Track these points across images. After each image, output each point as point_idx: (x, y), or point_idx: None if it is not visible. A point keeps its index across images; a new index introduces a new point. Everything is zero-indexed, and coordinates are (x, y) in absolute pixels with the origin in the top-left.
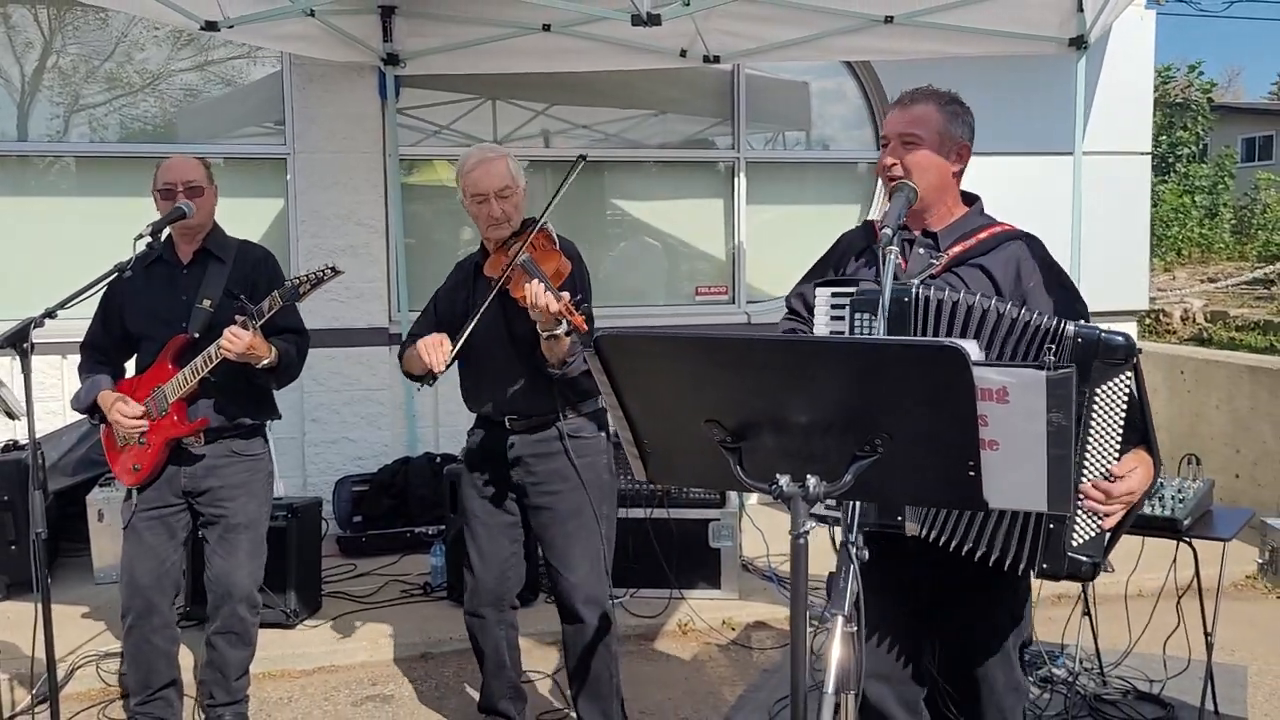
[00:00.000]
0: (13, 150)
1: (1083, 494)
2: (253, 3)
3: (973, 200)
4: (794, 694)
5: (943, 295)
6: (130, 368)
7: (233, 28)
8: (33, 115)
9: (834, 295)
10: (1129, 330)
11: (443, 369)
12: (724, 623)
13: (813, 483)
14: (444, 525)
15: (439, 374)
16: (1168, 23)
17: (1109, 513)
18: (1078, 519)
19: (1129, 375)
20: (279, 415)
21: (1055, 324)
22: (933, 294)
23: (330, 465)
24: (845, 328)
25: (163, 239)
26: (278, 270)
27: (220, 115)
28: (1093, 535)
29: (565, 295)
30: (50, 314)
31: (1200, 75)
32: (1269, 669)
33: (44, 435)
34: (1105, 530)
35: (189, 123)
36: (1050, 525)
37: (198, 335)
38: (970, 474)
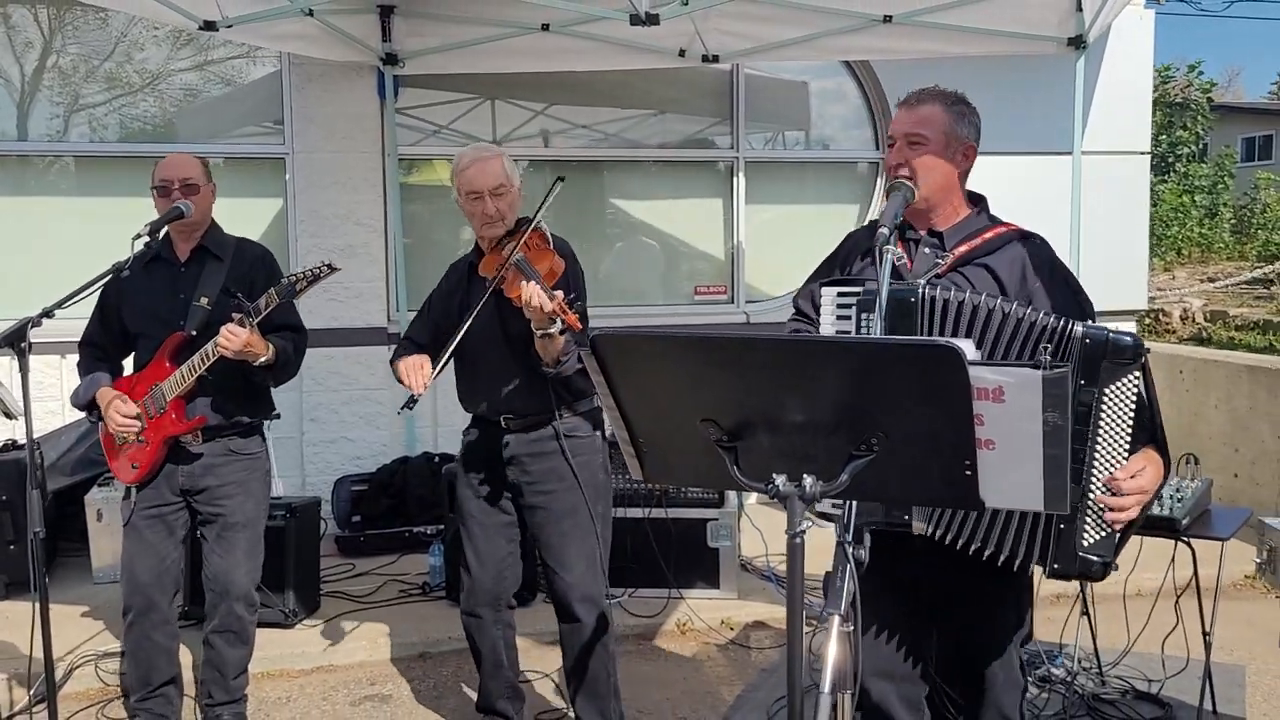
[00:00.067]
0: (12, 150)
1: (1093, 494)
2: (251, 2)
3: (978, 200)
4: (791, 694)
5: (949, 295)
6: (128, 365)
7: (231, 27)
8: (32, 115)
9: (839, 295)
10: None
11: (423, 391)
12: (722, 622)
13: (809, 482)
14: (442, 525)
15: (418, 396)
16: (1168, 22)
17: (1119, 514)
18: (1088, 519)
19: (1137, 375)
20: (278, 413)
21: (1063, 324)
22: (939, 294)
23: (329, 465)
24: (851, 327)
25: (160, 237)
26: (275, 268)
27: (219, 115)
28: (1104, 535)
29: (559, 294)
30: (48, 314)
31: (1200, 75)
32: (1267, 668)
33: (43, 435)
34: (1116, 530)
35: (188, 122)
36: (1061, 525)
37: (195, 333)
38: (966, 473)
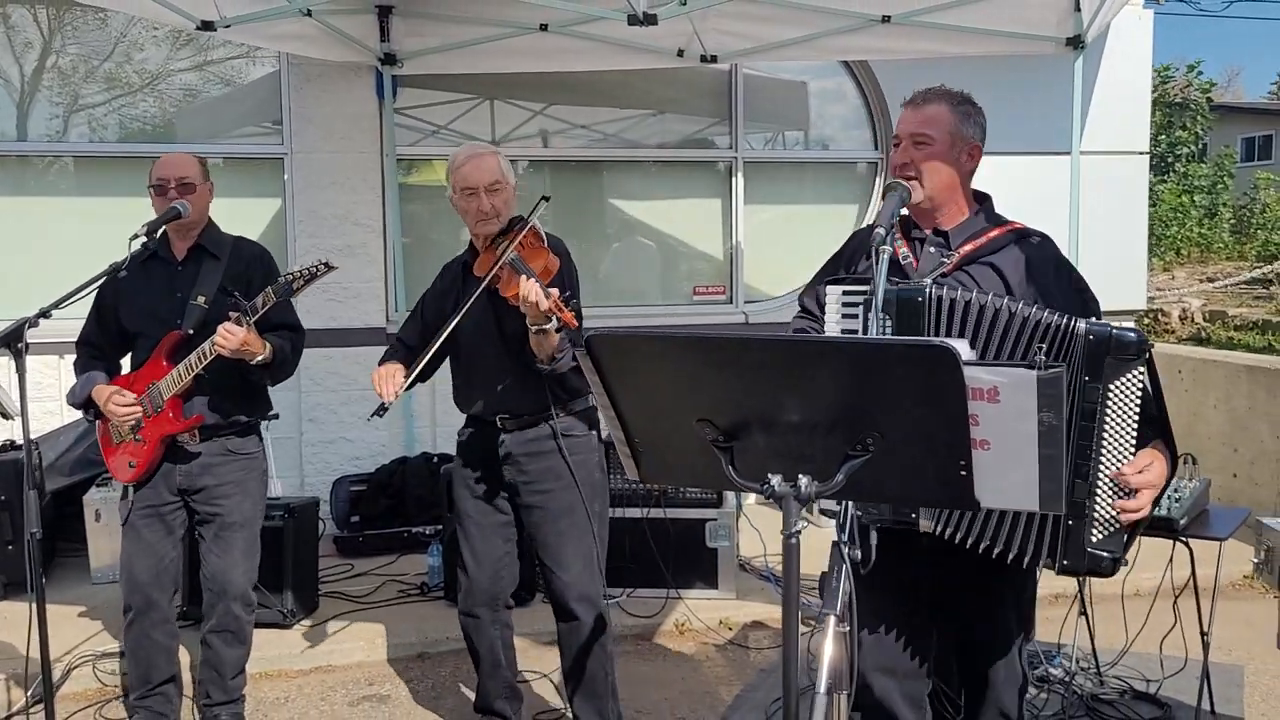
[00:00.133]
0: (12, 150)
1: (1101, 490)
2: (249, 2)
3: (984, 199)
4: (786, 694)
5: (955, 294)
6: (125, 365)
7: (229, 27)
8: (32, 115)
9: (845, 294)
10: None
11: (393, 400)
12: (721, 622)
13: (804, 482)
14: (441, 525)
15: (388, 405)
16: (1167, 22)
17: (1128, 509)
18: (1097, 515)
19: (1142, 371)
20: (276, 413)
21: (1067, 322)
22: (945, 293)
23: (327, 465)
24: (857, 326)
25: (158, 237)
26: (273, 266)
27: (218, 115)
28: (1112, 531)
29: (554, 291)
30: (44, 314)
31: (1199, 75)
32: (1265, 668)
33: (41, 435)
34: (1124, 525)
35: (187, 123)
36: (1069, 522)
37: (192, 332)
38: (962, 474)
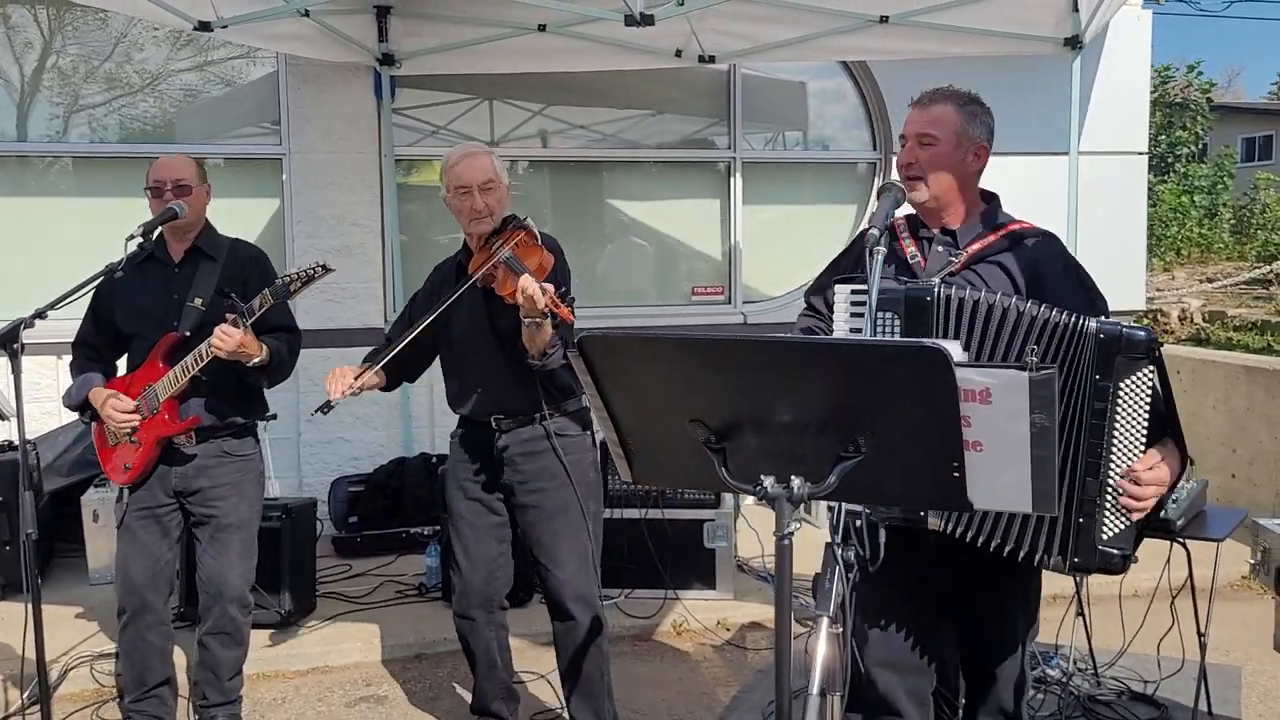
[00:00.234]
0: (12, 150)
1: (1112, 487)
2: (247, 3)
3: (992, 198)
4: (779, 695)
5: (964, 294)
6: (121, 366)
7: (226, 28)
8: (32, 115)
9: (854, 293)
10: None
11: (338, 397)
12: (719, 623)
13: (797, 483)
14: (439, 526)
15: (334, 403)
16: (1168, 23)
17: (1139, 506)
18: (1107, 512)
19: (1152, 370)
20: (273, 414)
21: (1078, 321)
22: (954, 293)
23: (326, 466)
24: (865, 325)
25: (154, 238)
26: (269, 268)
27: (216, 116)
28: (1123, 528)
29: (550, 287)
30: (40, 314)
31: (1199, 75)
32: (1263, 669)
33: (39, 435)
34: (1134, 523)
35: (186, 123)
36: (1080, 519)
37: (189, 334)
38: (954, 475)
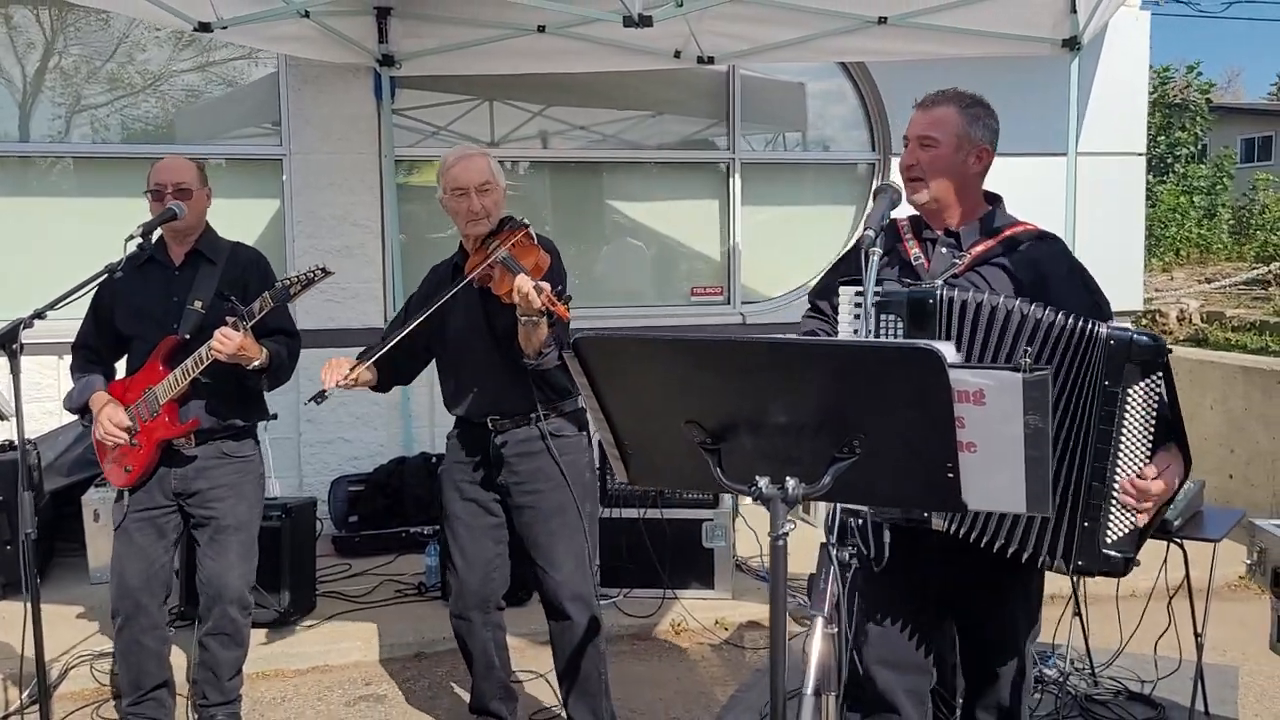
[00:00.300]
0: (14, 151)
1: (1118, 492)
2: (247, 4)
3: (996, 200)
4: (773, 695)
5: (967, 296)
6: (120, 368)
7: (226, 29)
8: (34, 116)
9: (858, 295)
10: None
11: (332, 386)
12: (717, 623)
13: (792, 484)
14: (439, 525)
15: (328, 392)
16: (1168, 23)
17: (1144, 510)
18: (1112, 516)
19: (1160, 377)
20: (274, 415)
21: (1088, 326)
22: (956, 295)
23: (326, 465)
24: (870, 325)
25: (154, 240)
26: (269, 272)
27: (217, 116)
28: (1126, 532)
29: (546, 286)
30: (39, 315)
31: (1199, 76)
32: (1260, 669)
33: (40, 435)
34: (1138, 527)
35: (186, 124)
36: (1085, 523)
37: (189, 336)
38: (949, 476)
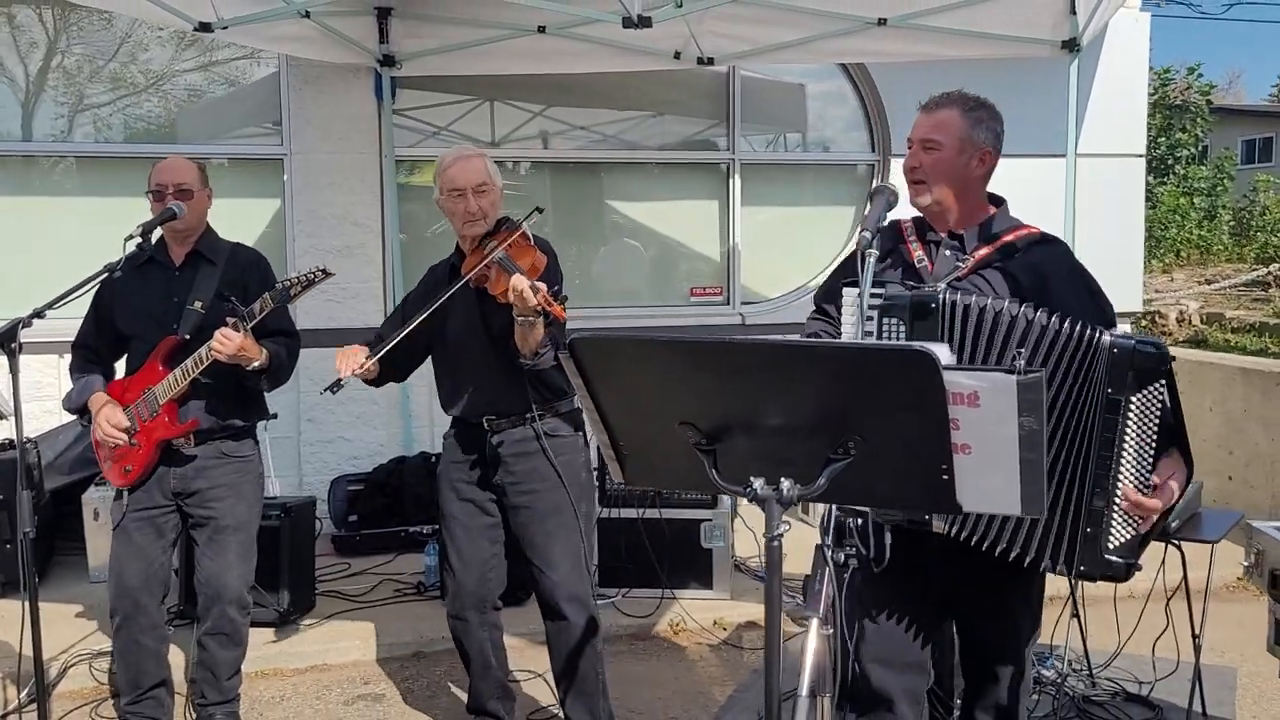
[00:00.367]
0: (17, 150)
1: (1121, 499)
2: (248, 4)
3: (1000, 203)
4: (768, 695)
5: (970, 300)
6: (120, 369)
7: (226, 29)
8: (37, 115)
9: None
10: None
11: (347, 375)
12: (715, 623)
13: (786, 485)
14: (438, 525)
15: (344, 382)
16: (1168, 25)
17: (1147, 516)
18: (1114, 522)
19: (1163, 384)
20: (272, 415)
21: (1091, 333)
22: (959, 298)
23: (326, 464)
24: (873, 328)
25: (154, 240)
26: (269, 273)
27: (218, 116)
28: (1129, 538)
29: (542, 286)
30: (38, 314)
31: (1199, 77)
32: (1258, 671)
33: (41, 434)
34: (1140, 533)
35: (188, 123)
36: (1088, 529)
37: (188, 337)
38: (944, 477)
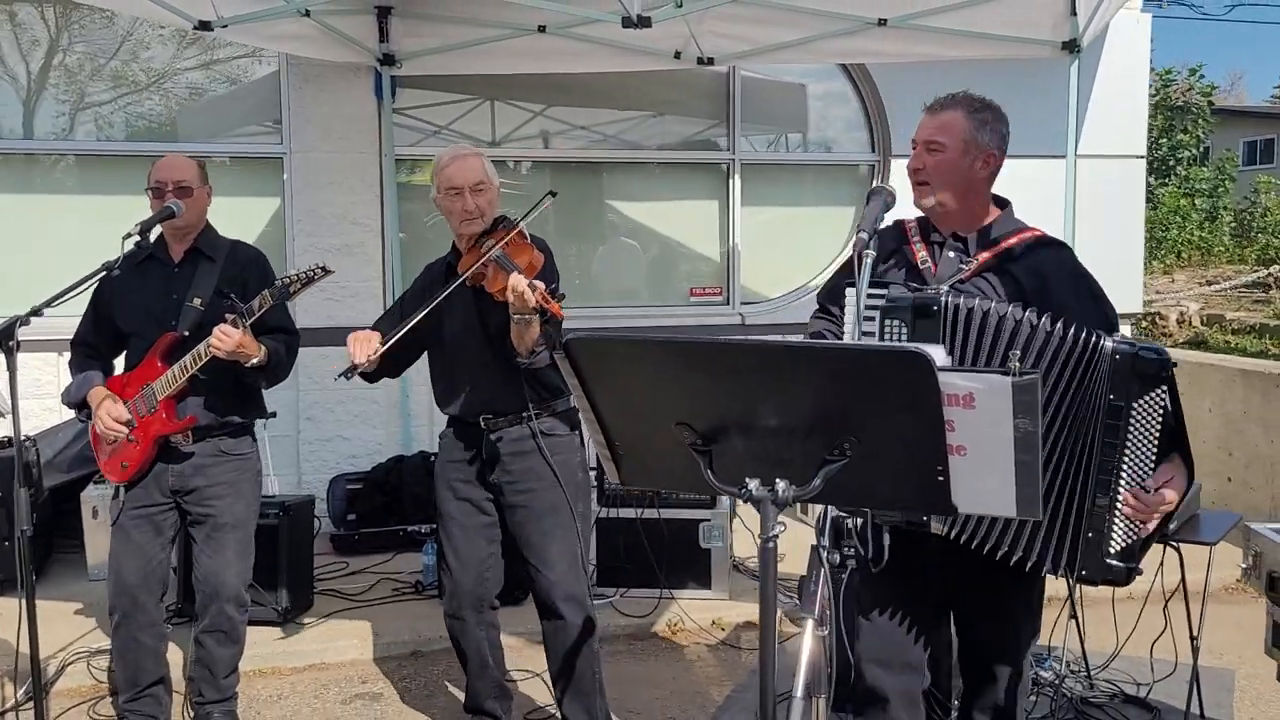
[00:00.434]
0: (18, 148)
1: (1121, 503)
2: (247, 3)
3: (1004, 205)
4: (762, 695)
5: (973, 304)
6: (119, 365)
7: (226, 27)
8: (38, 113)
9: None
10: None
11: (363, 361)
12: (713, 623)
13: (781, 486)
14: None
15: (359, 367)
16: (1171, 26)
17: (1148, 520)
18: (1116, 527)
19: (1165, 390)
20: (270, 413)
21: (1093, 339)
22: (962, 301)
23: (325, 463)
24: (874, 328)
25: (153, 238)
26: (268, 270)
27: (218, 114)
28: (1130, 542)
29: (540, 284)
30: (36, 312)
31: (1201, 78)
32: (1256, 673)
33: (40, 432)
34: (1141, 538)
35: (188, 122)
36: (1090, 534)
37: (187, 333)
38: (939, 479)
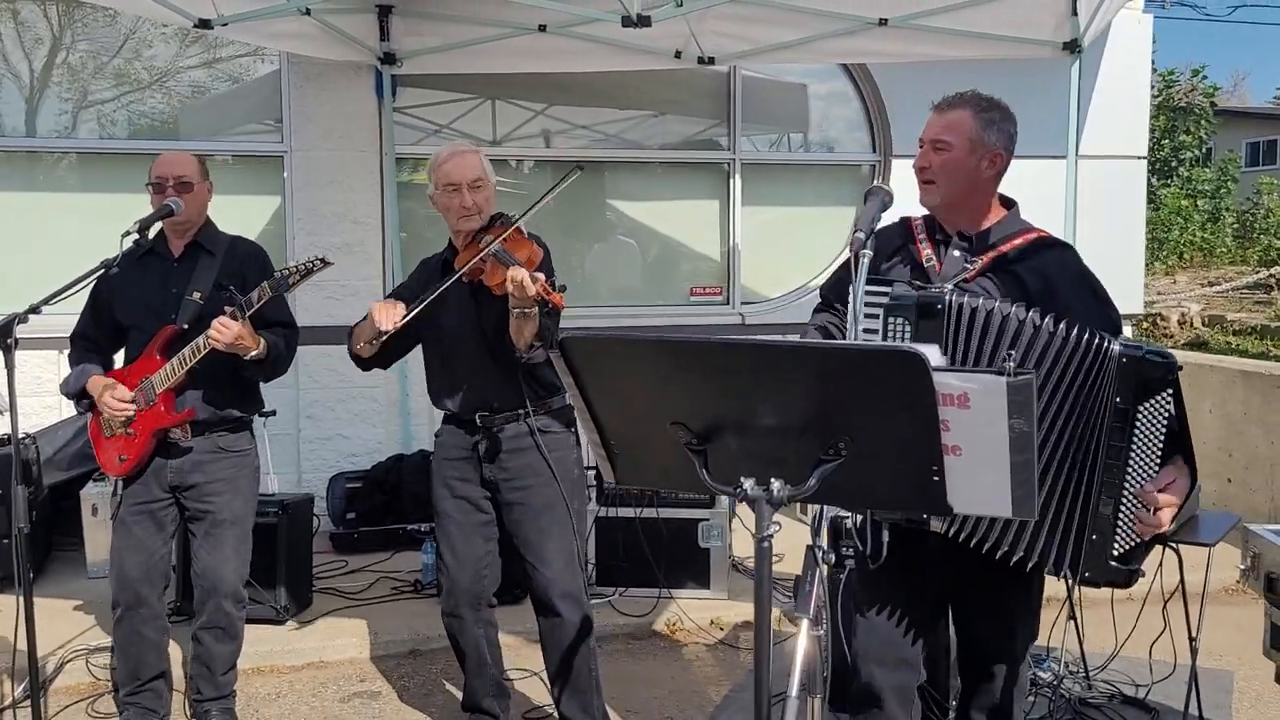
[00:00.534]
0: (21, 146)
1: (1126, 506)
2: (248, 1)
3: (1011, 204)
4: (758, 693)
5: (976, 304)
6: (118, 360)
7: (226, 25)
8: (41, 111)
9: (867, 294)
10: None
11: (390, 328)
12: (712, 622)
13: (776, 486)
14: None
15: (386, 332)
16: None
17: (1150, 522)
18: (1119, 529)
19: (1170, 394)
20: (272, 410)
21: (1098, 341)
22: (966, 301)
23: (324, 462)
24: (878, 326)
25: (152, 234)
26: (268, 264)
27: (220, 113)
28: (1133, 545)
29: (541, 276)
30: (34, 310)
31: (1204, 79)
32: (1255, 674)
33: (40, 430)
34: (1145, 540)
35: (189, 120)
36: (1094, 536)
37: (187, 327)
38: (934, 479)
